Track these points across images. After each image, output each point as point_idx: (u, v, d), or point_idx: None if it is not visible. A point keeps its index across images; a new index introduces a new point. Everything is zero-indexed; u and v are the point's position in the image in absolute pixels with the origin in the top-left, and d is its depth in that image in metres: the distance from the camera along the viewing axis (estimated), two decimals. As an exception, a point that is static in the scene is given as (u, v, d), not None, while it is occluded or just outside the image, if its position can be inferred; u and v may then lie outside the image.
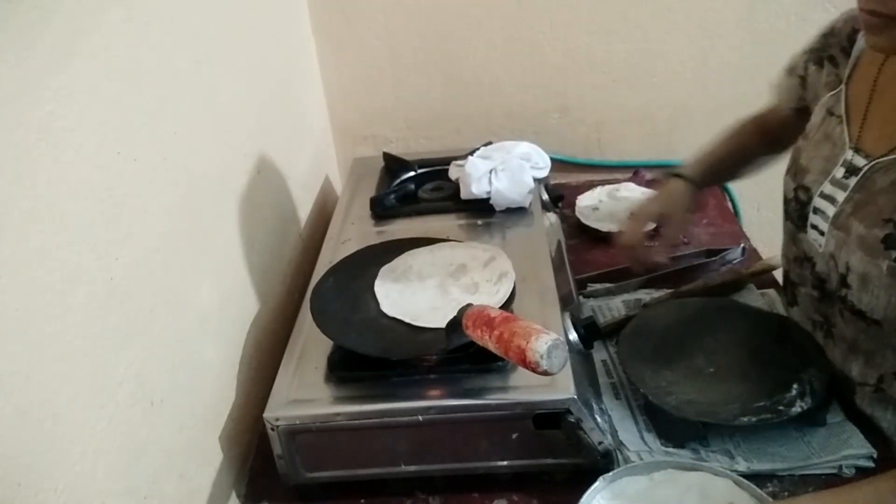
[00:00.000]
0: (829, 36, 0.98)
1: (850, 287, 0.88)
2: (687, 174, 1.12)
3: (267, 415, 0.87)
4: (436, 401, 0.86)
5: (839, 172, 0.90)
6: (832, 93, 0.95)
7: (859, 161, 0.88)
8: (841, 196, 0.89)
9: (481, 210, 1.23)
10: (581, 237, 1.43)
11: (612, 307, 1.19)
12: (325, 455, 0.90)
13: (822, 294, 0.95)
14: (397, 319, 0.97)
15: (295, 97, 1.48)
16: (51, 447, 0.62)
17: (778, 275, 1.26)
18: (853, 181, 0.88)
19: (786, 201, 1.00)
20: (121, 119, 0.77)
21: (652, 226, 1.17)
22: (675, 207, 1.10)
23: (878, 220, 0.84)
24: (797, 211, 0.96)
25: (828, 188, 0.91)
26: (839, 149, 0.91)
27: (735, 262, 1.28)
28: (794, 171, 0.98)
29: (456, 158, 1.32)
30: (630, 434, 0.94)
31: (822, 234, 0.91)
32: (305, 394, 0.90)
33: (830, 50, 0.96)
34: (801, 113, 1.04)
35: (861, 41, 0.91)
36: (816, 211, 0.92)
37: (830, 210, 0.90)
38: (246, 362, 1.06)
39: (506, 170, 1.21)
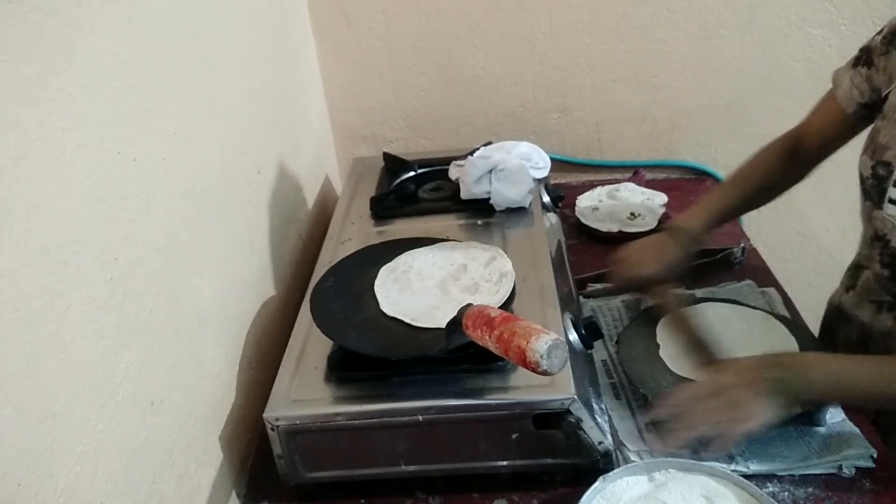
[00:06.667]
0: None
1: None
2: (686, 230, 1.09)
3: (267, 415, 0.87)
4: (436, 401, 0.86)
5: None
6: None
7: None
8: None
9: (481, 210, 1.23)
10: (581, 237, 1.43)
11: (612, 307, 1.19)
12: (325, 455, 0.90)
13: (893, 273, 0.96)
14: (397, 319, 0.97)
15: (295, 97, 1.48)
16: (51, 447, 0.62)
17: (779, 272, 1.26)
18: None
19: (863, 180, 0.99)
20: (121, 119, 0.77)
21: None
22: (663, 272, 1.08)
23: None
24: (875, 187, 0.95)
25: None
26: None
27: (735, 262, 1.28)
28: (873, 150, 0.96)
29: (456, 158, 1.32)
30: (630, 434, 0.94)
31: None
32: (305, 394, 0.90)
33: None
34: (865, 110, 1.00)
35: None
36: None
37: None
38: (246, 362, 1.06)
39: (506, 170, 1.21)
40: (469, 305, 0.86)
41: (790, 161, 1.12)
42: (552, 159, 1.35)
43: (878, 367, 0.86)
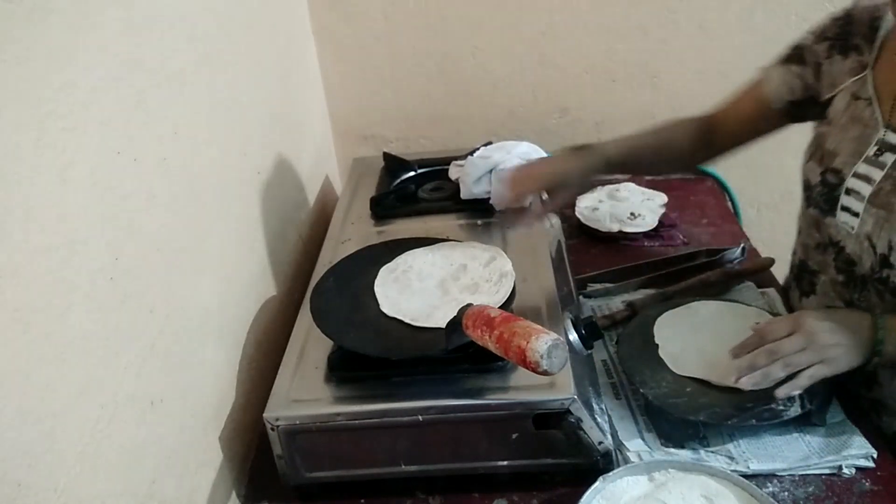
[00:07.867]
0: (846, 24, 0.97)
1: (893, 267, 0.88)
2: (599, 150, 1.04)
3: (267, 415, 0.87)
4: (436, 401, 0.86)
5: (872, 151, 0.90)
6: (855, 78, 0.95)
7: (894, 138, 0.89)
8: (878, 175, 0.89)
9: (481, 210, 1.23)
10: (581, 237, 1.43)
11: (612, 307, 1.19)
12: (325, 455, 0.90)
13: (849, 278, 0.95)
14: (397, 319, 0.97)
15: (295, 97, 1.48)
16: (51, 447, 0.62)
17: (778, 272, 1.26)
18: (891, 158, 0.88)
19: (809, 188, 0.99)
20: (121, 119, 0.77)
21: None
22: (569, 180, 1.03)
23: None
24: (824, 195, 0.96)
25: (862, 168, 0.91)
26: (871, 129, 0.91)
27: (735, 261, 1.28)
28: (821, 156, 0.97)
29: (456, 158, 1.33)
30: (630, 434, 0.94)
31: (855, 215, 0.92)
32: (305, 394, 0.90)
33: (853, 39, 0.96)
34: (793, 108, 1.02)
35: (885, 26, 0.92)
36: (849, 192, 0.92)
37: (866, 189, 0.90)
38: (246, 362, 1.06)
39: (506, 170, 1.21)
40: (469, 305, 0.86)
41: (700, 139, 1.12)
42: (552, 159, 1.35)
43: None
